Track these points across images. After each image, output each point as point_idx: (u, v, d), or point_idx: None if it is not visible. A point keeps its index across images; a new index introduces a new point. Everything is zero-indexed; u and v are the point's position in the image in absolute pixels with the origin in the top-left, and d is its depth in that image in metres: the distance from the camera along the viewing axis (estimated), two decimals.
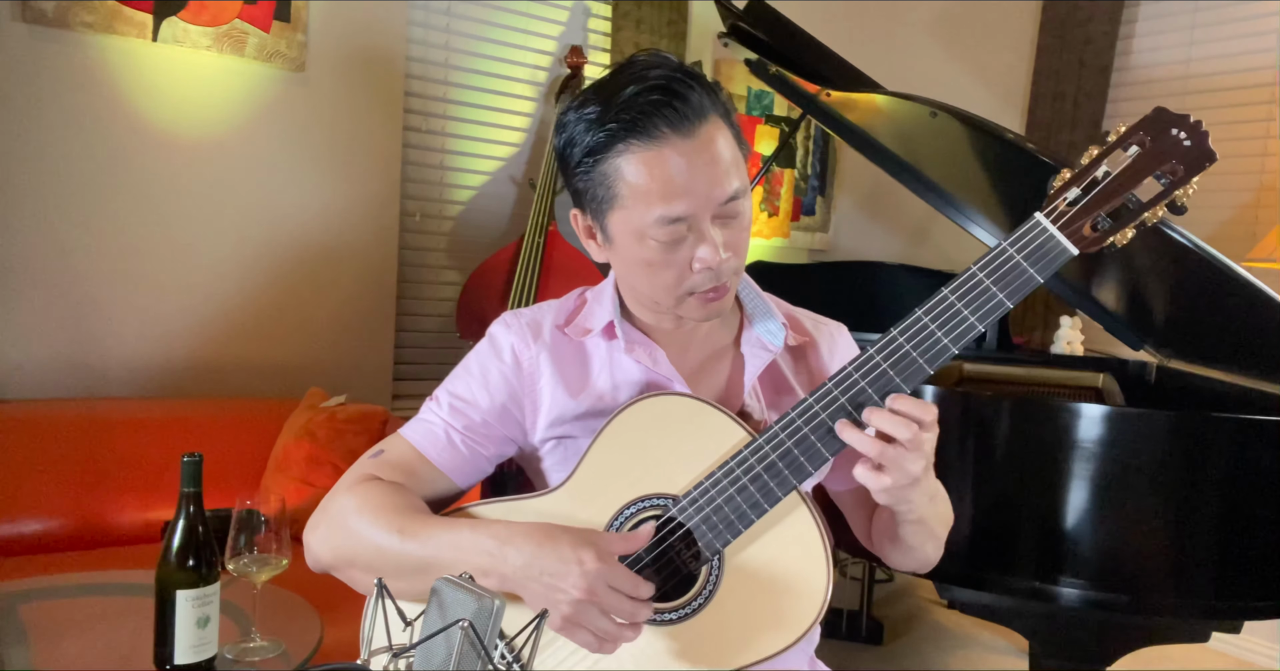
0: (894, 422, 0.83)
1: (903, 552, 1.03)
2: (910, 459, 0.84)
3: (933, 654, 2.90)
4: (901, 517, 0.94)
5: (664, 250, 0.92)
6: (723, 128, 0.91)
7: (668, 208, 0.89)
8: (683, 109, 0.88)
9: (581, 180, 0.94)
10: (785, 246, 4.06)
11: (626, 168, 0.89)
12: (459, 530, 0.89)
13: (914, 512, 0.93)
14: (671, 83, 0.88)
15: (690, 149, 0.88)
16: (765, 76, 2.61)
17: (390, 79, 2.87)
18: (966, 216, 2.28)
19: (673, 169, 0.88)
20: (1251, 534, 1.58)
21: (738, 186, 0.91)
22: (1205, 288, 1.93)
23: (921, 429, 0.84)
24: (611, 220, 0.94)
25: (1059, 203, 0.85)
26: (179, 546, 1.18)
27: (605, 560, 0.82)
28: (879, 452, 0.84)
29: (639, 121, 0.88)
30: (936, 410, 0.86)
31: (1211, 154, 0.83)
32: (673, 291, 0.95)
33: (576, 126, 0.92)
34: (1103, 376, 2.51)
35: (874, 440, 0.84)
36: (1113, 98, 3.32)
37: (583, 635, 0.83)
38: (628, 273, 0.99)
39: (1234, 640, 2.94)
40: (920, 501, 0.91)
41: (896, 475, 0.85)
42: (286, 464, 2.21)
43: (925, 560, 1.05)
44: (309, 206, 2.74)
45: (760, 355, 1.03)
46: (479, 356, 1.05)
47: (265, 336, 2.69)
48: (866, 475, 0.86)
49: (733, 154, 0.92)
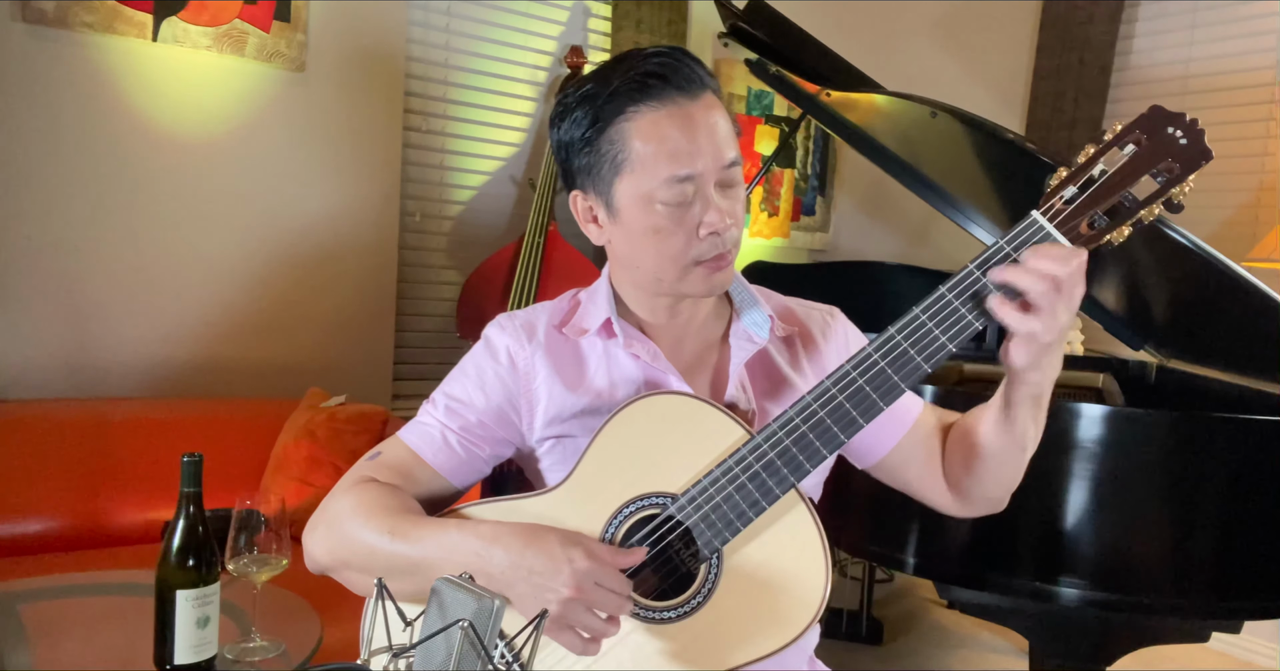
0: (1055, 261, 0.79)
1: (1003, 461, 0.98)
2: (1063, 307, 0.80)
3: (933, 654, 2.90)
4: (1023, 395, 0.90)
5: (671, 215, 0.93)
6: (717, 102, 0.96)
7: (677, 166, 0.92)
8: (688, 74, 0.93)
9: (585, 155, 0.96)
10: (785, 246, 4.06)
11: (634, 131, 0.93)
12: (447, 530, 0.89)
13: (1040, 385, 0.88)
14: (675, 52, 0.94)
15: (696, 111, 0.93)
16: (765, 76, 2.61)
17: (390, 79, 2.87)
18: (966, 216, 2.28)
19: (680, 129, 0.92)
20: (1251, 534, 1.58)
21: (735, 154, 0.96)
22: (1205, 288, 1.93)
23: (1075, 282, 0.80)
24: (618, 189, 0.95)
25: (1056, 200, 0.85)
26: (179, 546, 1.18)
27: (593, 558, 0.83)
28: (1041, 292, 0.79)
29: (648, 84, 0.92)
30: (1084, 254, 0.81)
31: (1208, 152, 0.83)
32: (679, 261, 0.96)
33: (580, 104, 0.95)
34: (1103, 376, 2.51)
35: (1031, 273, 0.80)
36: (1113, 98, 3.32)
37: (568, 636, 0.83)
38: (632, 248, 0.99)
39: (1234, 640, 2.93)
40: (1050, 372, 0.87)
41: (1046, 320, 0.81)
42: (286, 464, 2.21)
43: (1020, 468, 1.00)
44: (309, 206, 2.75)
45: (746, 347, 1.03)
46: (474, 358, 1.05)
47: (265, 336, 2.70)
48: (1013, 314, 0.81)
49: (728, 128, 0.96)
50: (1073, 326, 2.77)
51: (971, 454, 1.01)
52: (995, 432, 0.96)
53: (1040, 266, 0.80)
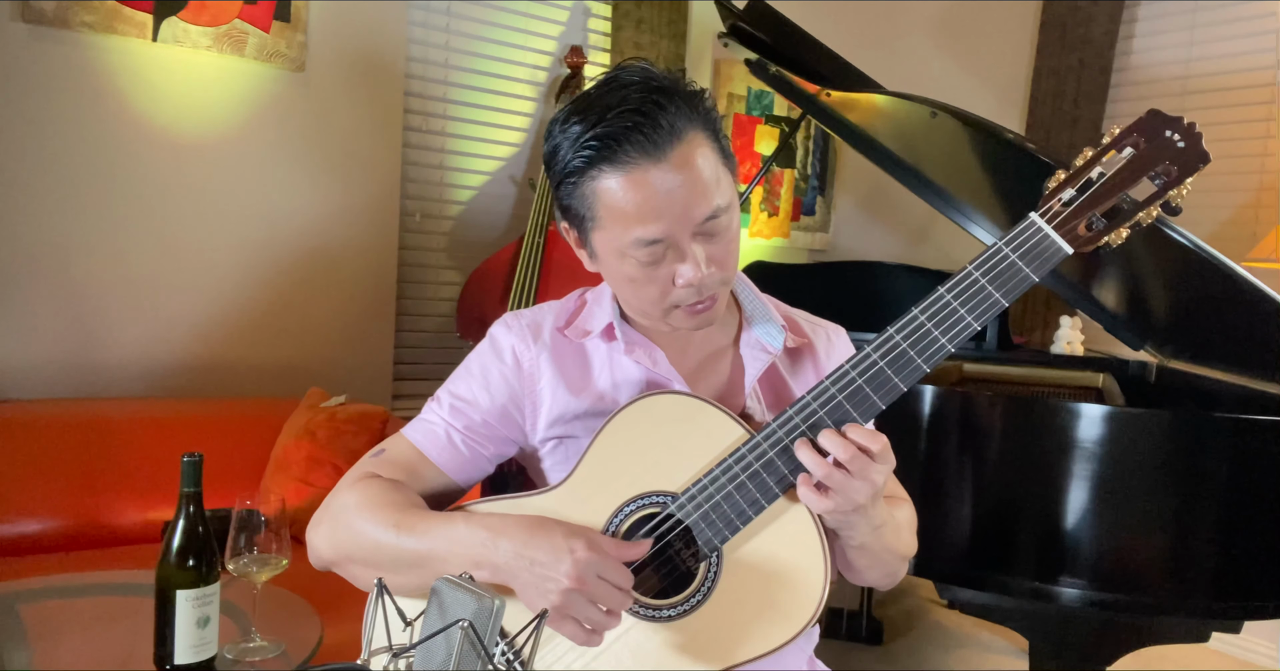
0: (842, 446, 0.84)
1: (849, 572, 1.04)
2: (855, 487, 0.84)
3: (933, 654, 2.90)
4: (844, 541, 0.95)
5: (645, 268, 0.92)
6: (701, 143, 0.90)
7: (643, 229, 0.89)
8: (652, 134, 0.86)
9: (566, 198, 0.94)
10: (785, 246, 4.06)
11: (602, 191, 0.90)
12: (454, 523, 0.90)
13: (855, 539, 0.93)
14: (643, 104, 0.87)
15: (661, 173, 0.87)
16: (765, 76, 2.61)
17: (390, 79, 2.87)
18: (966, 216, 2.28)
19: (644, 193, 0.87)
20: (1251, 534, 1.59)
21: (718, 203, 0.90)
22: (1205, 287, 1.93)
23: (872, 459, 0.84)
24: (594, 238, 0.95)
25: (1054, 203, 0.85)
26: (179, 546, 1.18)
27: (595, 550, 0.83)
28: (825, 475, 0.85)
29: (610, 147, 0.87)
30: (885, 440, 0.86)
31: (1205, 155, 0.84)
32: (658, 305, 0.95)
33: (561, 144, 0.91)
34: (1103, 376, 2.51)
35: (823, 462, 0.85)
36: (1113, 98, 3.32)
37: (570, 626, 0.83)
38: (615, 287, 1.00)
39: (1234, 640, 2.94)
40: (863, 529, 0.91)
41: (839, 500, 0.85)
42: (286, 464, 2.21)
43: (871, 581, 1.05)
44: (309, 206, 2.75)
45: (760, 357, 1.03)
46: (480, 357, 1.05)
47: (265, 336, 2.70)
48: (809, 494, 0.86)
49: (713, 170, 0.90)
50: (1073, 327, 2.77)
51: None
52: (844, 553, 1.00)
53: (836, 451, 0.84)
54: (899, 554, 1.02)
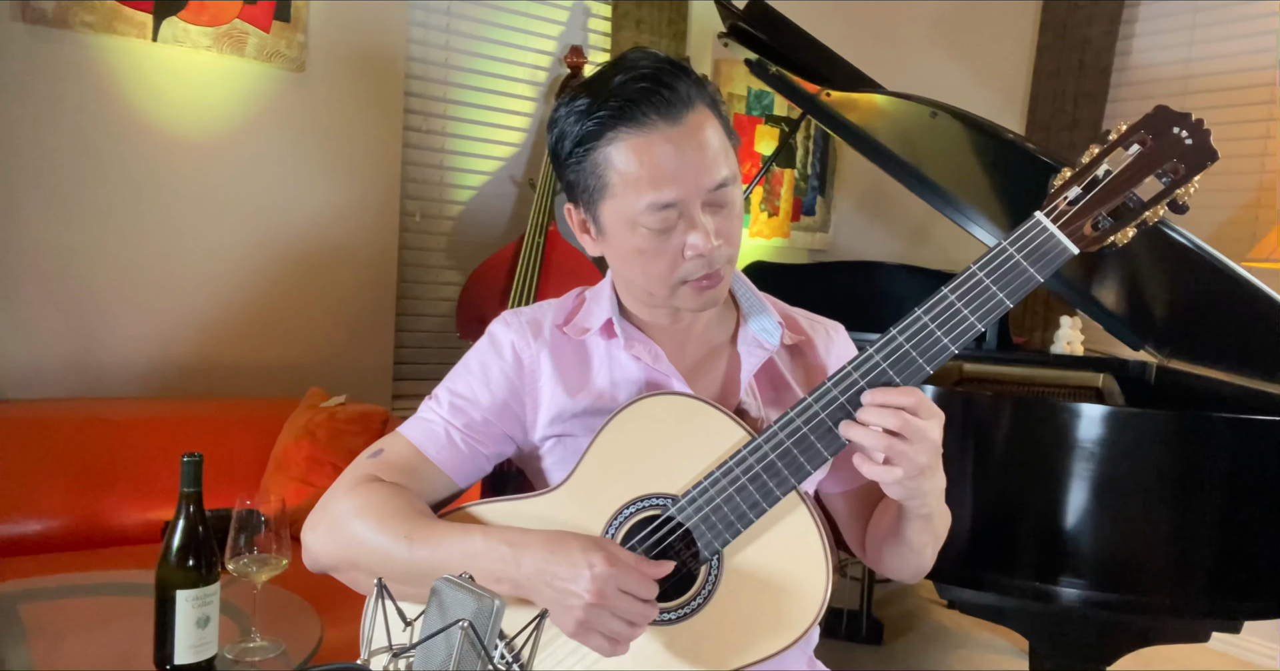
0: (883, 415, 0.84)
1: (902, 556, 1.02)
2: (915, 449, 0.84)
3: (933, 654, 2.90)
4: (911, 513, 0.93)
5: (655, 238, 0.92)
6: (710, 117, 0.93)
7: (657, 194, 0.90)
8: (670, 96, 0.89)
9: (573, 171, 0.95)
10: (785, 246, 4.06)
11: (616, 155, 0.91)
12: (470, 536, 0.89)
13: (925, 506, 0.92)
14: (659, 72, 0.90)
15: (678, 135, 0.89)
16: (765, 76, 2.61)
17: (390, 79, 2.86)
18: (966, 216, 2.28)
19: (661, 155, 0.89)
20: (1251, 534, 1.58)
21: (726, 174, 0.92)
22: (1205, 287, 1.93)
23: (917, 415, 0.83)
24: (603, 210, 0.95)
25: (1059, 202, 0.85)
26: (179, 546, 1.18)
27: (614, 563, 0.82)
28: (886, 446, 0.84)
29: (627, 109, 0.89)
30: (920, 393, 0.85)
31: (1213, 152, 0.83)
32: (666, 280, 0.95)
33: (567, 119, 0.93)
34: (1103, 376, 2.51)
35: (879, 434, 0.84)
36: (1113, 98, 3.32)
37: (596, 639, 0.83)
38: (622, 263, 0.99)
39: (1234, 640, 2.93)
40: (933, 493, 0.90)
41: (906, 465, 0.84)
42: (286, 464, 2.21)
43: (920, 566, 1.04)
44: (309, 206, 2.74)
45: (756, 353, 1.03)
46: (479, 354, 1.05)
47: (265, 336, 2.69)
48: (876, 470, 0.85)
49: (721, 142, 0.93)
50: (1073, 327, 2.77)
51: (875, 543, 1.06)
52: (890, 538, 1.01)
53: (880, 421, 0.84)
54: (948, 525, 1.02)
